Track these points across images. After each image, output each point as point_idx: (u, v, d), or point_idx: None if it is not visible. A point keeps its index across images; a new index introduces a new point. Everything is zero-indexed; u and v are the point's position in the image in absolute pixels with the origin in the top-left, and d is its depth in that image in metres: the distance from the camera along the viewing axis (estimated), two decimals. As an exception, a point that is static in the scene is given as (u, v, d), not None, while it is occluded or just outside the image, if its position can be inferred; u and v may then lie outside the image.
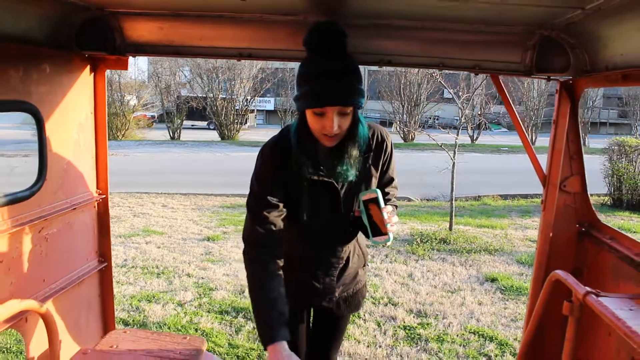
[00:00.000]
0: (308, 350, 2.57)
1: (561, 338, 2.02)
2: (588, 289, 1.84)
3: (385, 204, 2.09)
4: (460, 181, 9.37)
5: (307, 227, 2.20)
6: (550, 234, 2.46)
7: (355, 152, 2.06)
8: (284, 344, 1.96)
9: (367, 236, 2.16)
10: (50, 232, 2.43)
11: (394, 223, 2.13)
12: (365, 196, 2.08)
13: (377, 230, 2.10)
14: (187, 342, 2.39)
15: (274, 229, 2.09)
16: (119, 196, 11.09)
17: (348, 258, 2.34)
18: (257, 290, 2.09)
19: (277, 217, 2.10)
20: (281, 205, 2.11)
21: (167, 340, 2.37)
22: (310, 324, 2.62)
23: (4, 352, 4.29)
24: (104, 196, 2.84)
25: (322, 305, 2.41)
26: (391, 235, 2.10)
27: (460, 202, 11.10)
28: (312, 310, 2.57)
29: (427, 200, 12.09)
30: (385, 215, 2.07)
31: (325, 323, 2.60)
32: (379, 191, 2.04)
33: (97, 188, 2.83)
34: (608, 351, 2.20)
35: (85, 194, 2.72)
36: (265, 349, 1.98)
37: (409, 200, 11.79)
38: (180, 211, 10.32)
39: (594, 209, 2.46)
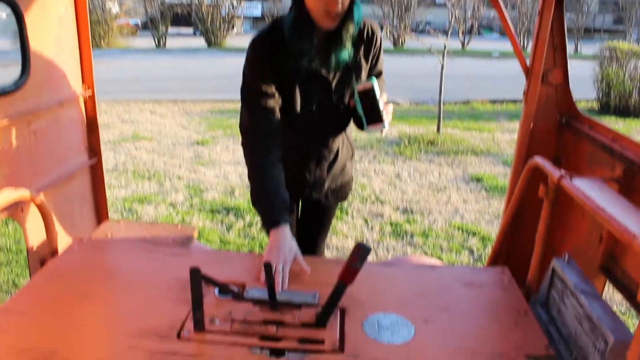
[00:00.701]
0: (297, 239, 2.66)
1: (537, 223, 2.12)
2: (563, 172, 1.91)
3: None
4: (450, 86, 9.35)
5: (298, 121, 2.22)
6: (531, 125, 2.51)
7: (352, 32, 2.06)
8: (287, 228, 2.04)
9: (361, 126, 2.20)
10: (39, 126, 2.45)
11: (389, 112, 2.17)
12: (360, 86, 2.09)
13: (372, 118, 2.13)
14: (179, 230, 2.49)
15: (271, 117, 2.11)
16: (106, 103, 10.99)
17: (338, 150, 2.39)
18: (259, 177, 2.13)
19: (273, 106, 2.11)
20: (276, 94, 2.12)
21: (159, 229, 2.47)
22: (299, 216, 2.71)
23: (5, 251, 4.42)
24: (91, 92, 2.84)
25: (311, 196, 2.47)
26: (386, 123, 2.15)
27: (449, 107, 11.10)
28: (300, 202, 2.65)
29: (416, 104, 12.08)
30: (381, 104, 2.11)
31: (314, 213, 2.68)
32: (375, 80, 2.05)
33: (83, 83, 2.82)
34: (581, 233, 2.31)
35: (71, 90, 2.71)
36: (267, 233, 2.06)
37: (398, 103, 11.77)
38: (168, 117, 10.29)
39: (574, 100, 2.50)
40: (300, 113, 2.19)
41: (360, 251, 1.63)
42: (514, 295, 1.98)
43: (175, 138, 8.55)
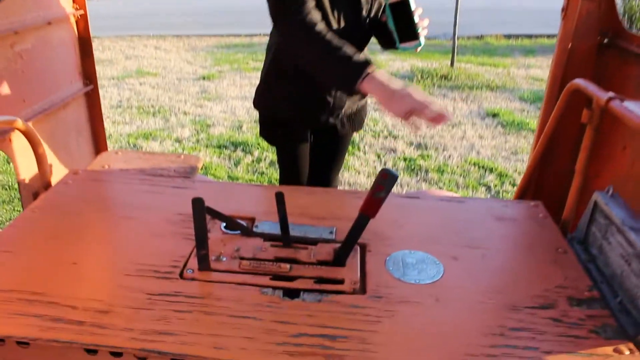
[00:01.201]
0: (310, 172, 2.48)
1: (572, 152, 1.92)
2: (612, 94, 1.69)
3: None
4: (463, 21, 8.94)
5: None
6: (570, 45, 2.26)
7: None
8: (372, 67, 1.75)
9: (393, 44, 1.99)
10: (24, 47, 2.23)
11: (425, 26, 1.94)
12: None
13: (406, 35, 1.92)
14: (181, 160, 2.29)
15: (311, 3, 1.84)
16: (109, 40, 10.66)
17: None
18: (321, 41, 1.80)
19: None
20: None
21: (161, 159, 2.27)
22: (312, 147, 2.51)
23: (7, 189, 4.27)
24: (82, 12, 2.59)
25: (328, 122, 2.28)
26: (422, 40, 1.93)
27: (462, 41, 10.70)
28: (313, 134, 2.45)
29: (429, 39, 11.64)
30: (417, 18, 1.88)
31: (329, 143, 2.49)
32: None
33: (74, 2, 2.57)
34: (622, 166, 2.10)
35: (60, 8, 2.47)
36: (353, 87, 1.75)
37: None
38: (173, 52, 9.98)
39: (619, 16, 2.24)
40: (330, 26, 1.96)
41: (387, 178, 1.43)
42: (550, 231, 1.80)
43: (181, 73, 8.28)
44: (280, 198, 1.54)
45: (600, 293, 1.60)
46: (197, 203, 1.40)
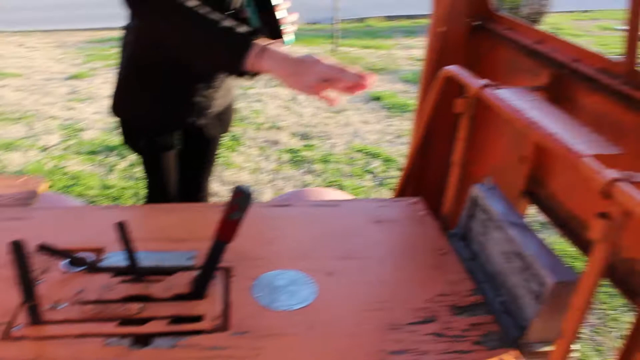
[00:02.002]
0: (179, 179, 2.25)
1: (452, 143, 1.82)
2: (485, 81, 1.59)
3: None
4: (345, 4, 8.90)
5: None
6: (441, 29, 2.17)
7: None
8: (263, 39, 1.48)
9: None
10: None
11: (292, 22, 1.75)
12: None
13: (272, 32, 1.73)
14: (21, 183, 1.98)
15: None
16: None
17: None
18: (194, 16, 1.48)
19: None
20: None
21: (-5, 183, 1.96)
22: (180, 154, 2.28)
23: None
24: None
25: (196, 125, 2.06)
26: (288, 38, 1.75)
27: (344, 24, 10.67)
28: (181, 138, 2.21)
29: (311, 23, 11.55)
30: (282, 14, 1.69)
31: (197, 147, 2.28)
32: None
33: None
34: (499, 154, 2.04)
35: None
36: (246, 55, 1.44)
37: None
38: (40, 50, 9.21)
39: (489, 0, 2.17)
40: None
41: (241, 196, 1.24)
42: (431, 230, 1.69)
43: (48, 73, 7.63)
44: (121, 228, 1.32)
45: (483, 296, 1.51)
46: (17, 247, 1.15)
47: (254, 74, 1.57)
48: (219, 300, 1.33)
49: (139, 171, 4.31)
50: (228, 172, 4.23)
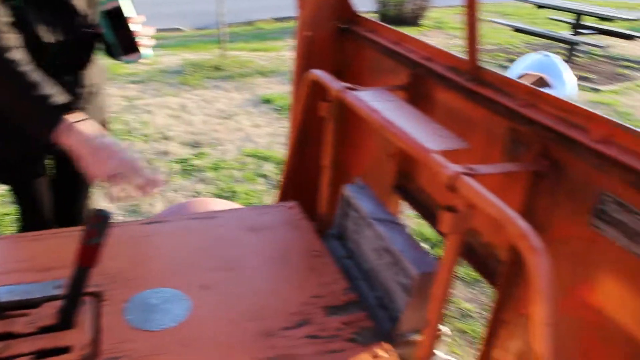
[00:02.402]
0: (55, 204, 2.14)
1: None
2: (344, 84, 1.63)
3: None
4: (232, 7, 8.84)
5: (41, 53, 1.65)
6: (308, 34, 2.20)
7: None
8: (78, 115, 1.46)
9: (115, 55, 1.74)
10: None
11: (147, 35, 1.71)
12: (105, 6, 1.61)
13: (127, 46, 1.68)
14: None
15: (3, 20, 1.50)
16: None
17: (93, 83, 1.90)
18: (13, 75, 1.46)
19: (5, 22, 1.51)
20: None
21: None
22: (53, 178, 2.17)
23: None
24: None
25: (59, 149, 1.96)
26: (147, 51, 1.71)
27: (233, 28, 10.60)
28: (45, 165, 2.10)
29: (198, 29, 11.37)
30: (136, 27, 1.65)
31: (69, 170, 2.17)
32: None
33: None
34: (371, 152, 2.11)
35: None
36: (53, 129, 1.44)
37: (179, 30, 10.98)
38: None
39: (352, 3, 2.23)
40: (41, 42, 1.64)
41: (99, 221, 1.21)
42: (306, 233, 1.72)
43: None
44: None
45: (356, 294, 1.56)
46: None
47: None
48: (88, 327, 1.28)
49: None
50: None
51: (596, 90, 7.90)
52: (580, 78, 8.50)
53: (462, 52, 1.52)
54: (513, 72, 2.10)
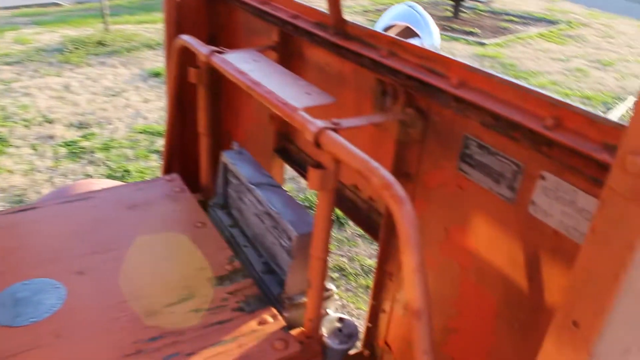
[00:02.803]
0: None
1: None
2: (212, 48, 1.57)
3: None
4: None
5: None
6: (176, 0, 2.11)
7: None
8: None
9: None
10: None
11: None
12: None
13: None
14: None
15: None
16: None
17: None
18: None
19: None
20: None
21: None
22: None
23: None
24: None
25: None
26: None
27: (117, 1, 10.09)
28: None
29: (79, 3, 10.73)
30: None
31: None
32: None
33: None
34: (250, 116, 2.06)
35: None
36: None
37: (57, 4, 10.31)
38: None
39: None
40: None
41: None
42: (187, 205, 1.66)
43: None
44: None
45: (245, 257, 1.53)
46: None
47: None
48: (-55, 332, 1.18)
49: None
50: (-3, 178, 3.82)
51: (482, 44, 8.19)
52: (466, 33, 8.78)
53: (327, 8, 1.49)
54: (380, 24, 2.09)
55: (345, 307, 2.76)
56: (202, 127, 1.72)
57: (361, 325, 1.59)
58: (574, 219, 0.94)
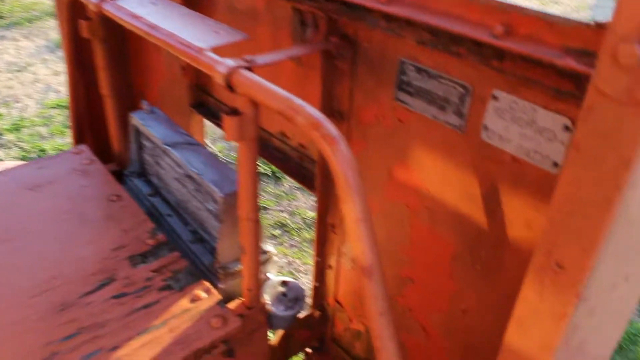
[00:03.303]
0: None
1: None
2: (103, -5, 1.35)
3: None
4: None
5: None
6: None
7: None
8: None
9: None
10: None
11: None
12: None
13: None
14: None
15: None
16: None
17: None
18: None
19: None
20: None
21: None
22: None
23: None
24: None
25: None
26: None
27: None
28: None
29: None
30: None
31: None
32: None
33: None
34: (160, 69, 1.85)
35: None
36: None
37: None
38: None
39: None
40: None
41: None
42: (99, 178, 1.47)
43: None
44: None
45: (169, 227, 1.36)
46: None
47: None
48: None
49: None
50: None
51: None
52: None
53: None
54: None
55: (291, 264, 2.62)
56: (106, 88, 1.51)
57: (309, 284, 1.46)
58: (534, 141, 0.82)
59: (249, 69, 0.94)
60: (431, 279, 1.13)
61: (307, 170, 1.35)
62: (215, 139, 3.60)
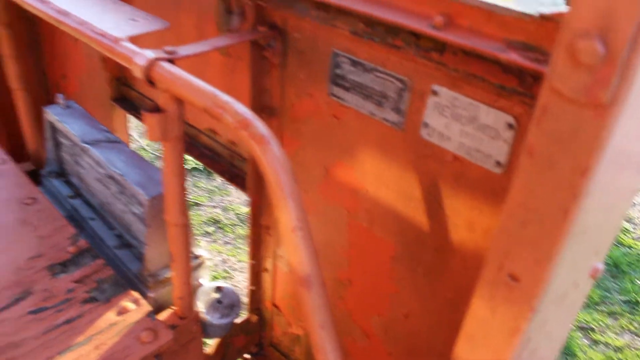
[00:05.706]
0: None
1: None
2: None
3: None
4: None
5: None
6: None
7: None
8: None
9: None
10: None
11: None
12: None
13: None
14: None
15: None
16: None
17: None
18: None
19: None
20: None
21: None
22: None
23: None
24: None
25: None
26: None
27: None
28: None
29: None
30: None
31: None
32: None
33: None
34: (80, 63, 1.72)
35: None
36: None
37: None
38: None
39: None
40: None
41: None
42: (12, 179, 1.34)
43: None
44: None
45: (92, 232, 1.27)
46: None
47: None
48: None
49: None
50: None
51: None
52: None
53: None
54: None
55: (226, 262, 2.54)
56: (15, 81, 1.39)
57: (245, 283, 1.39)
58: (476, 140, 0.78)
59: (171, 61, 0.86)
60: (370, 282, 1.08)
61: (239, 169, 1.28)
62: (143, 132, 3.45)
